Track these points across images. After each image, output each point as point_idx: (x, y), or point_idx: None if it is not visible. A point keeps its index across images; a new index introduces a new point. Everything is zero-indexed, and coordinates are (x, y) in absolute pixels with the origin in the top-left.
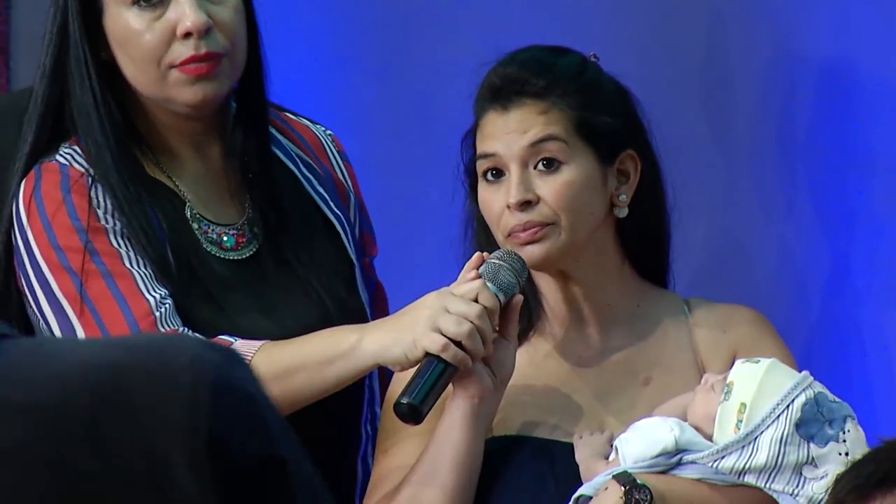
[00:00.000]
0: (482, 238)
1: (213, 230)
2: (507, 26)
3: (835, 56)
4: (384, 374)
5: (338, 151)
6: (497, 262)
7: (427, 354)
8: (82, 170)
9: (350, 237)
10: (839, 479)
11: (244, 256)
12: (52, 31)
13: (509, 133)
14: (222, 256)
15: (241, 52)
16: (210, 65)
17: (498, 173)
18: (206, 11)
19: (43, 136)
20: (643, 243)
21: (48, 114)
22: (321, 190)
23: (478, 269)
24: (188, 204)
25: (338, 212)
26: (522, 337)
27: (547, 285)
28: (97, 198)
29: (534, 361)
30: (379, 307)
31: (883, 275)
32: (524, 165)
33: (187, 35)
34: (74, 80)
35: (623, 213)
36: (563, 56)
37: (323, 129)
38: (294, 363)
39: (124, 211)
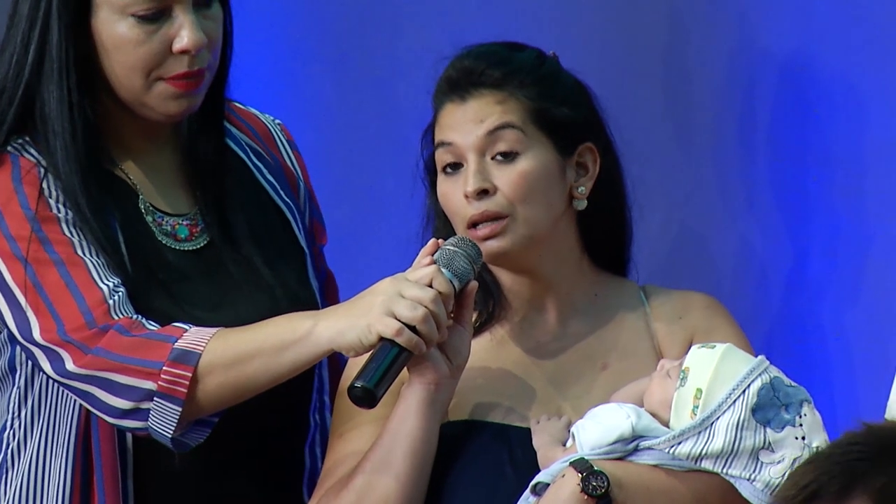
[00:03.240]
0: (442, 234)
1: (166, 222)
2: (465, 20)
3: (792, 48)
4: (334, 362)
5: (287, 140)
6: (452, 248)
7: (382, 339)
8: (33, 160)
9: (300, 225)
10: (785, 481)
11: (198, 247)
12: (29, 27)
13: (466, 123)
14: (176, 248)
15: (217, 63)
16: (197, 81)
17: (456, 166)
18: (202, 29)
19: (1, 130)
20: (603, 236)
21: (13, 108)
22: (271, 178)
23: (433, 255)
24: (141, 196)
25: (288, 200)
26: (482, 327)
27: (505, 275)
28: (48, 187)
29: (491, 347)
30: (330, 296)
31: (840, 265)
32: (481, 155)
33: (183, 52)
34: (51, 80)
35: (582, 205)
36: (521, 50)
37: (271, 118)
38: (249, 349)
39: (79, 208)
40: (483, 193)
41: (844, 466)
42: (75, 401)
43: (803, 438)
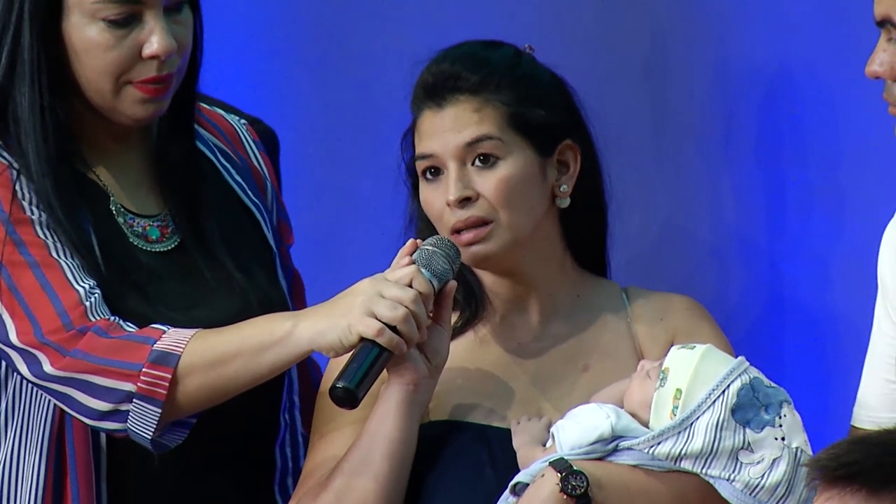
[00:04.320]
0: (424, 236)
1: (137, 223)
2: (445, 22)
3: (771, 51)
4: (303, 361)
5: (253, 140)
6: (431, 248)
7: (362, 339)
8: (6, 162)
9: (268, 225)
10: (825, 451)
11: (169, 248)
12: (1, 29)
13: (445, 132)
14: (148, 249)
15: (186, 67)
16: (166, 86)
17: (437, 171)
18: (173, 34)
19: None
20: (584, 233)
21: None
22: (239, 179)
23: (411, 255)
24: (112, 198)
25: (256, 200)
26: (464, 327)
27: (488, 275)
28: (21, 190)
29: (472, 347)
30: (297, 295)
31: (818, 266)
32: (461, 162)
33: (153, 57)
34: (23, 82)
35: (565, 203)
36: (497, 49)
37: (237, 118)
38: (229, 350)
39: (53, 210)
40: (465, 201)
41: (894, 460)
42: (49, 402)
43: (783, 439)
